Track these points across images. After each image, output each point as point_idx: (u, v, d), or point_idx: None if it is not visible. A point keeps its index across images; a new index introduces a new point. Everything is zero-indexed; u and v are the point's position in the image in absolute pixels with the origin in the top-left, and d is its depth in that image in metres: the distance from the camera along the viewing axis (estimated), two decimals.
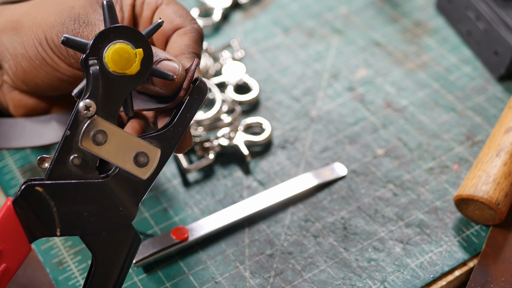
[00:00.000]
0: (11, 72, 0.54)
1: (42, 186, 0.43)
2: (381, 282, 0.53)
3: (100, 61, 0.43)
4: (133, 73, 0.44)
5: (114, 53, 0.43)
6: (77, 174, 0.44)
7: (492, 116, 0.65)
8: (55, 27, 0.50)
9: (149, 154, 0.45)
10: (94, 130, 0.43)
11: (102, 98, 0.43)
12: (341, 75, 0.70)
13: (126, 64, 0.43)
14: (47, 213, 0.44)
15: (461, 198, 0.55)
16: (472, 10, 0.69)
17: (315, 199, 0.59)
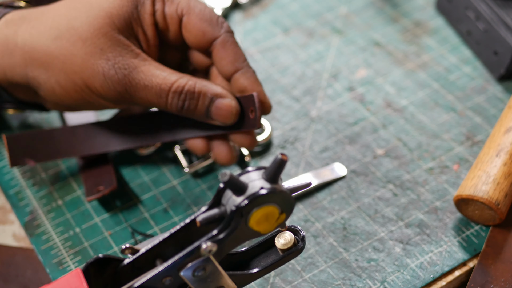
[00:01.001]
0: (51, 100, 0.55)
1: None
2: (381, 282, 0.53)
3: (246, 215, 0.42)
4: (264, 232, 0.43)
5: (262, 216, 0.42)
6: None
7: (492, 116, 0.65)
8: (96, 77, 0.51)
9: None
10: (201, 266, 0.43)
11: (225, 243, 0.43)
12: (341, 75, 0.70)
13: (266, 225, 0.43)
14: None
15: (461, 198, 0.55)
16: (472, 10, 0.69)
17: (315, 199, 0.59)
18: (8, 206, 0.61)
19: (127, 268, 0.45)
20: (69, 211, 0.59)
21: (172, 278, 0.43)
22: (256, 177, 0.42)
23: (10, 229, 0.60)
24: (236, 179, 0.41)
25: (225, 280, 0.45)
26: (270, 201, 0.42)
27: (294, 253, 0.46)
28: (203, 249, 0.42)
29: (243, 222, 0.42)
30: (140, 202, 0.60)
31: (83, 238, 0.57)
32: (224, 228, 0.42)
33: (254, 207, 0.41)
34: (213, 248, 0.42)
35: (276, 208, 0.42)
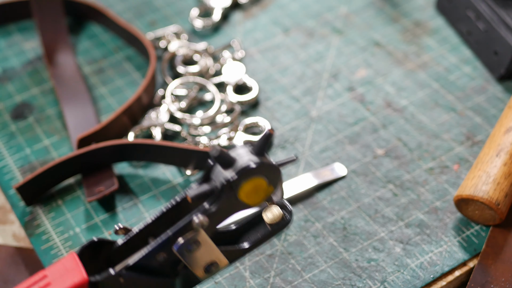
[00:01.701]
0: None
1: (125, 277, 0.44)
2: (381, 282, 0.53)
3: (236, 189, 0.43)
4: (253, 204, 0.45)
5: (251, 188, 0.44)
6: (154, 267, 0.45)
7: (492, 116, 0.65)
8: None
9: (219, 264, 0.46)
10: (193, 240, 0.44)
11: (216, 215, 0.44)
12: (341, 75, 0.70)
13: (255, 197, 0.44)
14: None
15: (461, 198, 0.55)
16: (472, 10, 0.69)
17: (315, 199, 0.59)
18: (8, 206, 0.61)
19: (121, 249, 0.46)
20: (69, 211, 0.59)
21: (166, 254, 0.44)
22: (244, 151, 0.44)
23: (10, 229, 0.60)
24: (226, 154, 0.43)
25: (217, 255, 0.45)
26: (258, 174, 0.43)
27: (282, 226, 0.47)
28: (194, 222, 0.43)
29: (233, 195, 0.43)
30: (140, 202, 0.60)
31: (83, 238, 0.57)
32: (215, 201, 0.43)
33: (243, 180, 0.43)
34: (205, 221, 0.43)
35: (264, 181, 0.44)
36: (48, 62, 0.70)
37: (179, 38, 0.73)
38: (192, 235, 0.44)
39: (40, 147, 0.64)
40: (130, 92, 0.69)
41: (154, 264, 0.44)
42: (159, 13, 0.77)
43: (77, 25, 0.76)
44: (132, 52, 0.73)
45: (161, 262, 0.45)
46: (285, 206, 0.48)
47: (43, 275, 0.42)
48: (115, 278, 0.43)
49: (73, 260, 0.43)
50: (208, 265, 0.46)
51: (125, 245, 0.46)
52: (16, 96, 0.69)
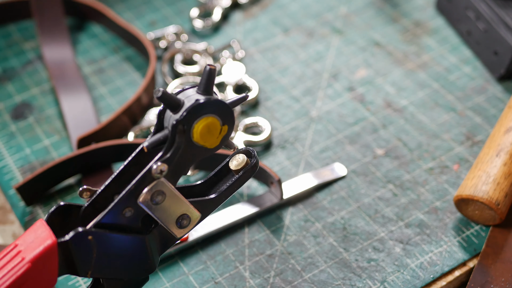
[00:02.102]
0: None
1: (93, 235, 0.43)
2: (381, 282, 0.53)
3: (188, 129, 0.43)
4: (211, 147, 0.44)
5: (204, 127, 0.43)
6: (123, 224, 0.44)
7: (492, 116, 0.65)
8: None
9: (191, 217, 0.45)
10: (156, 191, 0.43)
11: (175, 163, 0.43)
12: (341, 75, 0.70)
13: (210, 138, 0.44)
14: (86, 257, 0.44)
15: (461, 198, 0.55)
16: (472, 10, 0.69)
17: (315, 199, 0.59)
18: (8, 206, 0.61)
19: (88, 211, 0.45)
20: None
21: (132, 208, 0.44)
22: (191, 92, 0.43)
23: (10, 229, 0.60)
24: (170, 95, 0.42)
25: (187, 207, 0.45)
26: (208, 112, 0.43)
27: (249, 171, 0.46)
28: (153, 170, 0.42)
29: (187, 138, 0.43)
30: None
31: None
32: (169, 146, 0.43)
33: (193, 119, 0.42)
34: (163, 168, 0.42)
35: (216, 119, 0.43)
36: (48, 62, 0.70)
37: (179, 38, 0.73)
38: (154, 184, 0.43)
39: (40, 147, 0.64)
40: (130, 92, 0.69)
41: (123, 221, 0.44)
42: (159, 13, 0.77)
43: (77, 25, 0.76)
44: (132, 52, 0.73)
45: (129, 218, 0.44)
46: (250, 152, 0.47)
47: (14, 244, 0.42)
48: (83, 236, 0.43)
49: (41, 226, 0.43)
50: (180, 219, 0.45)
51: (91, 207, 0.45)
52: (16, 96, 0.69)
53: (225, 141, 0.45)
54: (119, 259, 0.45)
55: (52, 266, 0.42)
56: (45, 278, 0.42)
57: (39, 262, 0.42)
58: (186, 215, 0.45)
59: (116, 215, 0.44)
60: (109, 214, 0.43)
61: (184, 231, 0.46)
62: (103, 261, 0.44)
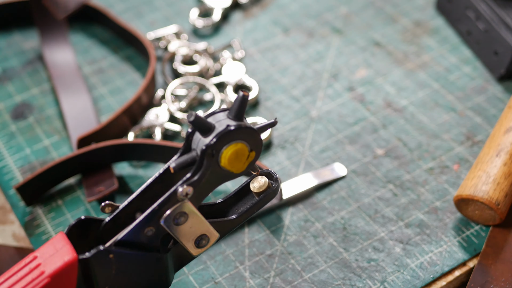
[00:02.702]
0: None
1: (114, 254, 0.43)
2: (381, 282, 0.53)
3: (217, 155, 0.43)
4: (237, 172, 0.44)
5: (233, 153, 0.43)
6: (143, 242, 0.44)
7: (492, 116, 0.65)
8: None
9: (210, 238, 0.45)
10: (179, 212, 0.43)
11: (201, 186, 0.43)
12: (341, 75, 0.70)
13: (238, 164, 0.44)
14: (105, 274, 0.44)
15: (461, 198, 0.55)
16: (472, 10, 0.69)
17: (315, 199, 0.59)
18: (8, 206, 0.61)
19: (109, 226, 0.45)
20: (69, 211, 0.59)
21: (154, 228, 0.44)
22: (222, 117, 0.44)
23: (10, 229, 0.60)
24: (202, 119, 0.42)
25: (207, 227, 0.45)
26: (238, 138, 0.43)
27: (270, 195, 0.47)
28: (179, 192, 0.42)
29: (215, 162, 0.43)
30: None
31: None
32: (197, 170, 0.43)
33: (223, 145, 0.42)
34: (189, 191, 0.42)
35: (245, 146, 0.43)
36: (48, 62, 0.70)
37: (179, 38, 0.73)
38: (177, 206, 0.43)
39: (40, 147, 0.64)
40: (130, 92, 0.69)
41: (143, 239, 0.44)
42: (159, 13, 0.77)
43: (77, 25, 0.76)
44: (132, 52, 0.73)
45: (150, 237, 0.44)
46: (271, 174, 0.47)
47: (33, 256, 0.42)
48: (104, 254, 0.43)
49: (62, 240, 0.43)
50: (199, 239, 0.45)
51: (112, 222, 0.45)
52: (16, 96, 0.69)
53: (251, 167, 0.45)
54: (136, 277, 0.45)
55: (71, 281, 0.42)
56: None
57: (59, 277, 0.42)
58: (205, 235, 0.45)
59: (137, 234, 0.44)
60: (131, 232, 0.44)
61: (201, 250, 0.46)
62: (121, 278, 0.44)
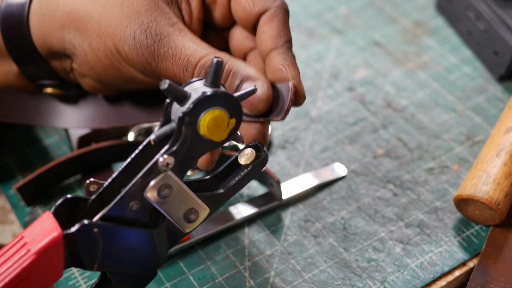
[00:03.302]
0: (84, 70, 0.53)
1: (99, 227, 0.43)
2: (381, 282, 0.53)
3: (194, 122, 0.43)
4: (218, 140, 0.44)
5: (211, 120, 0.43)
6: (130, 217, 0.44)
7: (492, 116, 0.65)
8: (126, 40, 0.49)
9: (199, 212, 0.45)
10: (163, 184, 0.43)
11: (182, 155, 0.43)
12: (341, 75, 0.70)
13: (218, 131, 0.43)
14: (92, 250, 0.43)
15: (461, 198, 0.55)
16: (472, 10, 0.69)
17: (315, 199, 0.59)
18: (8, 206, 0.61)
19: (95, 204, 0.45)
20: None
21: (138, 201, 0.43)
22: (198, 85, 0.43)
23: (10, 229, 0.60)
24: (176, 87, 0.42)
25: (194, 200, 0.44)
26: (215, 104, 0.42)
27: (258, 166, 0.46)
28: (160, 163, 0.42)
29: (193, 130, 0.43)
30: None
31: None
32: (176, 139, 0.43)
33: (200, 111, 0.42)
34: (170, 161, 0.42)
35: (223, 112, 0.43)
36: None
37: None
38: (160, 178, 0.43)
39: (40, 147, 0.64)
40: None
41: (129, 215, 0.44)
42: None
43: None
44: None
45: (136, 211, 0.44)
46: (259, 147, 0.47)
47: (20, 236, 0.42)
48: (88, 228, 0.42)
49: (48, 218, 0.43)
50: (187, 213, 0.44)
51: (99, 200, 0.45)
52: None
53: (232, 135, 0.44)
54: (126, 253, 0.44)
55: (58, 258, 0.42)
56: (51, 270, 0.42)
57: (45, 254, 0.42)
58: (194, 209, 0.45)
59: (122, 208, 0.43)
60: (115, 207, 0.43)
61: (192, 226, 0.45)
62: (109, 254, 0.44)
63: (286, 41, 0.49)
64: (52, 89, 0.58)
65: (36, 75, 0.57)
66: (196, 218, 0.45)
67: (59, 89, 0.58)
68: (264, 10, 0.50)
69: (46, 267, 0.42)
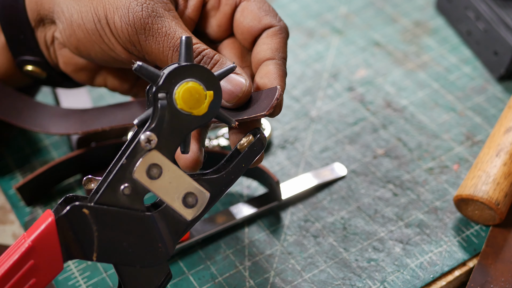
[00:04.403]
0: (65, 36, 0.53)
1: (89, 209, 0.43)
2: (381, 282, 0.53)
3: (170, 96, 0.43)
4: (199, 114, 0.44)
5: (185, 92, 0.43)
6: (124, 203, 0.44)
7: (492, 116, 0.65)
8: (119, 9, 0.49)
9: (198, 196, 0.44)
10: (150, 164, 0.43)
11: (164, 133, 0.43)
12: (341, 75, 0.70)
13: (195, 104, 0.43)
14: (87, 236, 0.43)
15: (461, 198, 0.55)
16: (472, 10, 0.69)
17: (315, 199, 0.59)
18: (8, 206, 0.61)
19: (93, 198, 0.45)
20: None
21: (129, 184, 0.43)
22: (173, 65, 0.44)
23: (10, 229, 0.60)
24: (148, 66, 0.42)
25: (190, 183, 0.44)
26: (188, 76, 0.43)
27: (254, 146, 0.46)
28: (142, 140, 0.42)
29: (171, 105, 0.42)
30: None
31: None
32: (154, 115, 0.43)
33: (173, 85, 0.42)
34: (151, 136, 0.42)
35: (197, 84, 0.43)
36: None
37: None
38: (146, 156, 0.42)
39: (40, 147, 0.64)
40: None
41: (123, 200, 0.43)
42: None
43: None
44: None
45: (130, 196, 0.43)
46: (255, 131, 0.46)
47: (23, 235, 0.43)
48: (78, 210, 0.42)
49: (47, 214, 0.43)
50: (184, 197, 0.44)
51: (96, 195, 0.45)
52: None
53: (215, 109, 0.44)
54: (125, 240, 0.44)
55: (54, 244, 0.43)
56: (50, 260, 0.43)
57: (39, 240, 0.42)
58: (191, 193, 0.44)
59: (114, 193, 0.43)
60: (106, 191, 0.43)
61: (193, 212, 0.44)
62: (107, 241, 0.43)
63: (283, 57, 0.50)
64: (33, 67, 0.57)
65: (20, 48, 0.57)
66: (195, 203, 0.44)
67: (40, 68, 0.58)
68: (270, 26, 0.51)
69: (44, 256, 0.42)
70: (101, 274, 0.55)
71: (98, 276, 0.55)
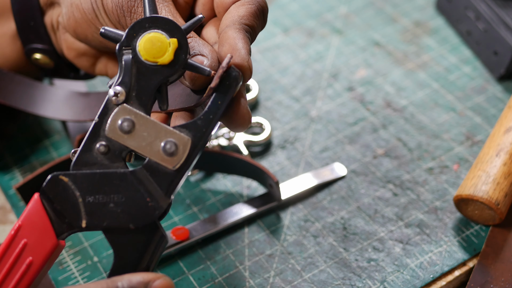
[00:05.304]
0: (65, 18, 0.54)
1: (67, 176, 0.43)
2: (381, 282, 0.53)
3: (134, 49, 0.43)
4: (165, 63, 0.43)
5: (146, 42, 0.43)
6: (102, 162, 0.43)
7: (492, 116, 0.65)
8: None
9: (178, 143, 0.43)
10: (121, 118, 0.43)
11: (133, 86, 0.43)
12: (341, 75, 0.70)
13: (158, 52, 0.43)
14: (72, 204, 0.43)
15: (460, 198, 0.55)
16: (472, 10, 0.69)
17: (315, 199, 0.59)
18: (8, 206, 0.61)
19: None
20: None
21: (104, 141, 0.43)
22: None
23: (10, 229, 0.60)
24: (112, 29, 0.44)
25: (166, 130, 0.43)
26: (149, 28, 0.43)
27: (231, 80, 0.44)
28: (110, 95, 0.43)
29: (135, 58, 0.43)
30: None
31: (83, 238, 0.57)
32: (120, 70, 0.43)
33: (135, 38, 0.43)
34: (118, 90, 0.43)
35: (158, 33, 0.43)
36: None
37: None
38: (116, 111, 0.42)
39: (40, 147, 0.64)
40: None
41: (102, 159, 0.43)
42: None
43: None
44: None
45: (107, 155, 0.43)
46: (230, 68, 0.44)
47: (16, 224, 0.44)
48: (57, 179, 0.43)
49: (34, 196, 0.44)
50: (164, 146, 0.43)
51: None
52: None
53: (181, 56, 0.43)
54: (111, 202, 0.43)
55: (42, 220, 0.43)
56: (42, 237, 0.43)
57: (28, 219, 0.43)
58: (170, 140, 0.43)
59: (90, 152, 0.43)
60: (82, 153, 0.43)
61: (177, 160, 0.43)
62: (94, 207, 0.43)
63: (245, 24, 0.47)
64: (41, 56, 0.58)
65: (30, 36, 0.57)
66: (176, 150, 0.43)
67: (48, 56, 0.58)
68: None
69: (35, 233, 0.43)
70: (101, 274, 0.55)
71: (98, 276, 0.55)
